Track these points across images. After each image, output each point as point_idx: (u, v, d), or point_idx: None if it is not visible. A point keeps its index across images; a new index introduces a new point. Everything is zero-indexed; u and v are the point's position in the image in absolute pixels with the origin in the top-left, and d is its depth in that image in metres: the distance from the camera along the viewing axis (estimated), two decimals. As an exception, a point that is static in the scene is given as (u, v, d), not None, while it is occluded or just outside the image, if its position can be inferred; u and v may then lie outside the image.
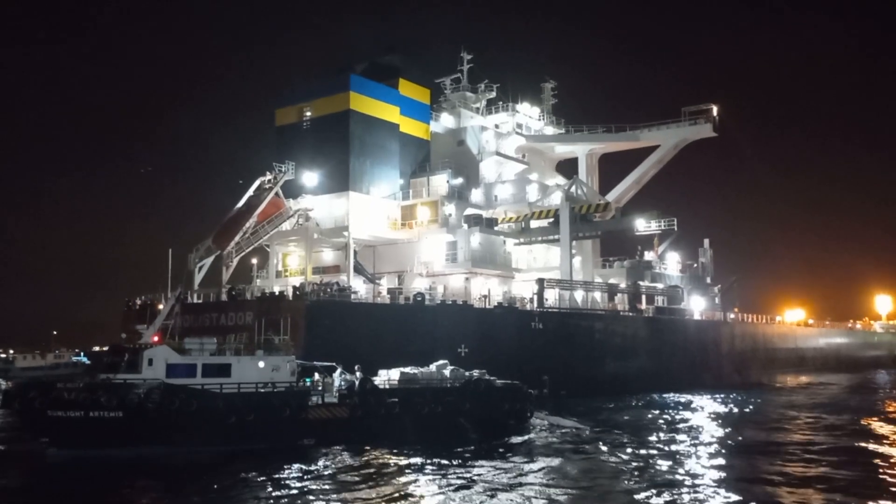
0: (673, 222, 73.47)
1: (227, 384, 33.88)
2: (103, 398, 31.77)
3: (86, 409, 31.53)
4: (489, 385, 40.29)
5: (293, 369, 36.13)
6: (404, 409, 36.44)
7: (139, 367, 33.67)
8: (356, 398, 35.95)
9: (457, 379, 40.11)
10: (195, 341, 35.80)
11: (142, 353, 34.14)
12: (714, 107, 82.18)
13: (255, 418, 33.13)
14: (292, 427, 33.99)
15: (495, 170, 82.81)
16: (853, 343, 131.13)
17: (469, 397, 38.95)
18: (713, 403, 59.82)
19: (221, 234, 65.13)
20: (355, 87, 70.76)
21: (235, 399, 33.47)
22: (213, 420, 32.63)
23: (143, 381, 32.94)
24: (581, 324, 67.53)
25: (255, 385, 34.28)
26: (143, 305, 65.71)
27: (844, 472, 29.38)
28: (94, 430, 31.44)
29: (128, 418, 31.66)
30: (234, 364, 34.96)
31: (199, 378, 34.00)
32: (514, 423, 40.16)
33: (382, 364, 42.38)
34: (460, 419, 38.04)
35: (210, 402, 32.95)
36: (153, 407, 31.94)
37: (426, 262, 70.53)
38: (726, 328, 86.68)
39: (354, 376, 37.79)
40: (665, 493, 26.49)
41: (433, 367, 41.25)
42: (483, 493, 26.52)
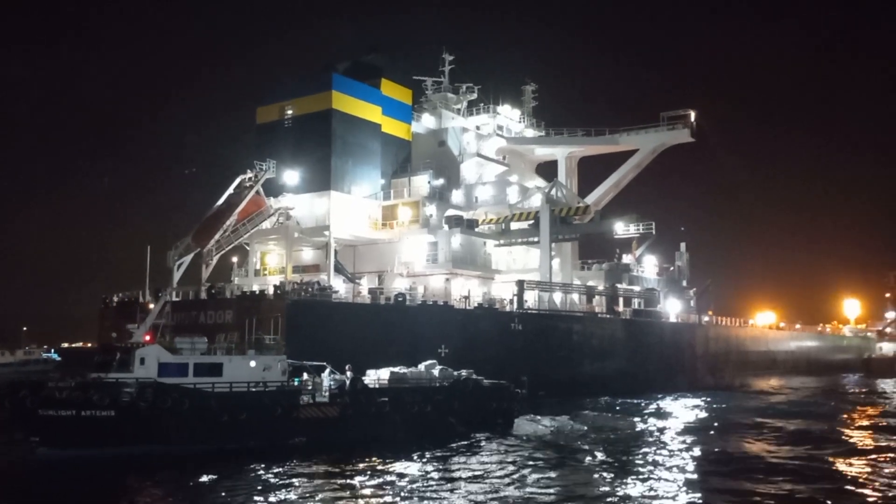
0: (651, 226, 74.45)
1: (218, 383, 33.87)
2: (95, 397, 31.57)
3: (77, 409, 31.35)
4: (477, 385, 40.70)
5: (284, 369, 36.22)
6: (394, 408, 36.69)
7: (131, 366, 33.55)
8: (347, 397, 36.13)
9: (445, 378, 40.46)
10: (186, 340, 35.72)
11: (134, 352, 34.04)
12: (692, 112, 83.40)
13: (246, 417, 33.19)
14: (284, 426, 34.09)
15: (476, 171, 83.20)
16: (823, 346, 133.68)
17: (458, 397, 39.35)
18: (688, 406, 60.74)
19: (201, 231, 64.72)
20: (338, 86, 70.64)
21: (227, 398, 33.50)
22: (205, 419, 32.64)
23: (136, 381, 32.82)
24: (560, 325, 68.15)
25: (247, 384, 34.29)
26: (120, 303, 65.22)
27: (810, 478, 30.01)
28: (85, 430, 31.27)
29: (120, 417, 31.53)
30: (226, 363, 34.98)
31: (191, 377, 33.96)
32: (501, 422, 40.59)
33: (363, 363, 42.49)
34: (449, 418, 38.39)
35: (202, 402, 32.95)
36: (145, 406, 31.85)
37: (407, 263, 70.69)
38: (701, 331, 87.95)
39: (345, 376, 37.90)
40: (640, 492, 27.12)
41: (422, 367, 41.54)
42: (470, 490, 26.87)
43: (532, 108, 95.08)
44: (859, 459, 34.48)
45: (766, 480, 29.39)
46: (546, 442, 38.28)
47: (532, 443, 37.75)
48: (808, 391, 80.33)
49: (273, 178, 69.48)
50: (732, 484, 28.88)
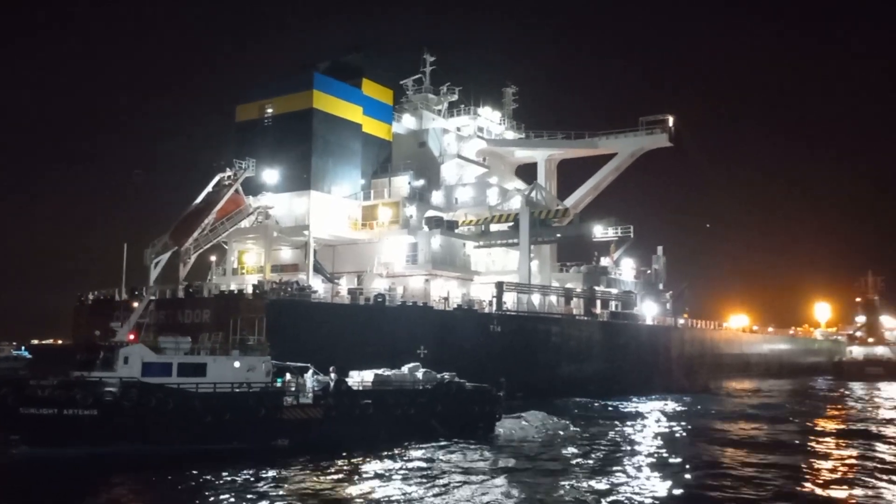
0: (629, 229, 75.20)
1: (202, 384, 33.71)
2: (78, 396, 31.29)
3: (60, 407, 31.06)
4: (460, 388, 40.82)
5: (268, 370, 36.07)
6: (378, 410, 36.69)
7: (115, 365, 33.27)
8: (331, 399, 36.09)
9: (429, 381, 40.52)
10: (170, 340, 35.52)
11: (118, 350, 33.72)
12: (670, 118, 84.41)
13: (230, 418, 33.08)
14: (267, 427, 34.01)
15: (456, 172, 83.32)
16: (795, 349, 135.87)
17: (440, 400, 39.45)
18: (664, 408, 61.38)
19: (179, 230, 64.12)
20: (319, 85, 70.37)
21: (211, 399, 33.35)
22: (188, 419, 32.50)
23: (119, 380, 32.56)
24: (538, 327, 68.53)
25: (231, 385, 34.16)
26: (96, 301, 64.46)
27: (780, 479, 30.50)
28: (67, 428, 31.00)
29: (103, 417, 31.27)
30: (210, 364, 34.80)
31: (175, 377, 33.77)
32: (482, 425, 40.73)
33: (342, 364, 42.33)
34: (432, 421, 38.49)
35: (186, 402, 32.81)
36: (129, 406, 31.58)
37: (386, 263, 70.63)
38: (676, 333, 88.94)
39: (329, 377, 37.82)
40: (614, 493, 27.59)
41: (405, 370, 41.56)
42: (448, 493, 27.00)
43: (512, 111, 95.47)
44: (828, 462, 35.16)
45: (737, 481, 29.88)
46: (527, 445, 38.48)
47: (513, 446, 37.90)
48: (781, 394, 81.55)
49: (252, 176, 69.01)
50: (706, 485, 29.31)
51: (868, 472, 32.26)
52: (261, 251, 72.47)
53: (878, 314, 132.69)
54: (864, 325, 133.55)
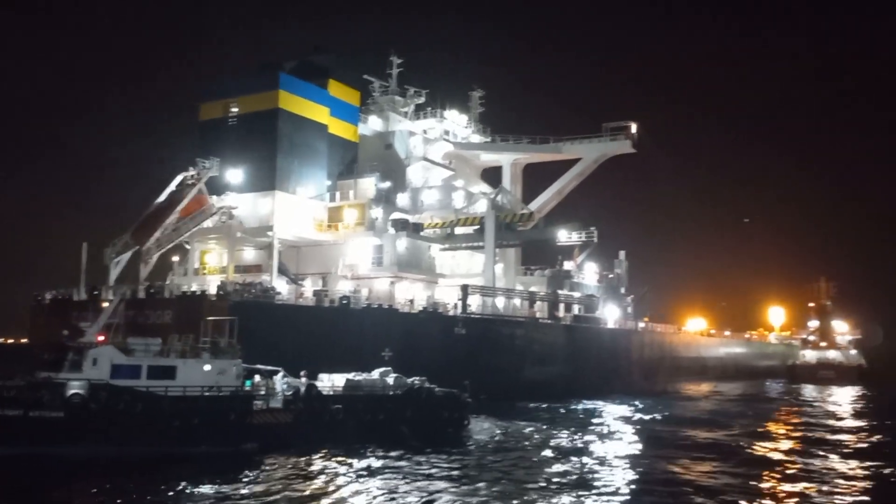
0: (593, 234, 76.14)
1: (172, 387, 33.28)
2: (45, 397, 30.62)
3: (26, 408, 30.48)
4: (430, 393, 41.03)
5: (239, 373, 35.69)
6: (348, 415, 36.62)
7: (83, 367, 32.70)
8: (301, 404, 35.90)
9: (399, 387, 40.53)
10: (140, 341, 35.00)
11: (86, 352, 33.15)
12: (633, 124, 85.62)
13: (199, 422, 32.74)
14: (237, 431, 33.71)
15: (422, 175, 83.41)
16: (750, 353, 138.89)
17: (410, 405, 39.59)
18: (625, 410, 62.28)
19: (140, 229, 63.08)
20: (285, 85, 69.89)
21: (181, 402, 32.96)
22: (157, 423, 32.11)
23: (88, 382, 31.99)
24: (503, 330, 68.98)
25: (201, 388, 33.76)
26: (53, 300, 63.04)
27: (734, 479, 31.40)
28: (33, 430, 30.41)
29: (70, 419, 30.74)
30: (180, 366, 34.34)
31: (144, 380, 33.28)
32: (451, 430, 40.96)
33: (307, 366, 42.07)
34: (402, 427, 38.50)
35: (155, 405, 32.37)
36: (97, 408, 31.00)
37: (351, 265, 70.41)
38: (637, 337, 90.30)
39: (300, 381, 37.61)
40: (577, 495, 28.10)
41: (376, 374, 41.47)
42: (417, 497, 27.12)
43: (478, 114, 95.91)
44: (779, 464, 36.11)
45: (690, 483, 30.67)
46: (494, 449, 38.74)
47: (481, 451, 38.10)
48: (737, 397, 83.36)
49: (216, 176, 68.19)
50: (661, 486, 30.06)
51: (816, 472, 33.34)
52: (223, 251, 71.66)
53: (830, 319, 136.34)
54: (817, 330, 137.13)
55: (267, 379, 37.19)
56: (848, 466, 35.74)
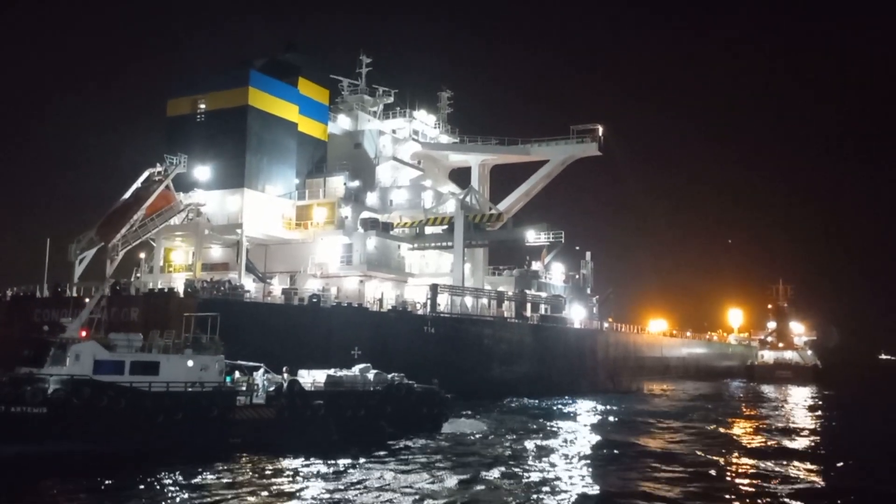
0: (560, 235, 77.14)
1: (155, 382, 33.11)
2: (27, 393, 30.15)
3: (7, 404, 30.03)
4: (409, 389, 41.35)
5: (221, 369, 35.56)
6: (329, 411, 36.74)
7: (65, 362, 32.30)
8: (283, 400, 35.95)
9: (380, 383, 40.76)
10: (122, 337, 34.67)
11: (68, 347, 32.72)
12: (600, 127, 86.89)
13: (182, 417, 32.65)
14: (220, 427, 33.67)
15: (391, 174, 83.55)
16: (711, 353, 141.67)
17: (391, 401, 39.84)
18: (591, 407, 63.32)
19: (106, 225, 62.14)
20: (255, 82, 69.46)
21: (164, 398, 32.80)
22: (140, 419, 31.91)
23: (70, 378, 31.61)
24: (471, 329, 69.47)
25: (184, 384, 33.67)
26: (15, 297, 61.69)
27: (695, 474, 32.25)
28: (14, 426, 29.93)
29: (52, 415, 30.35)
30: (163, 362, 34.13)
31: (127, 375, 32.99)
32: (430, 426, 41.37)
33: (275, 364, 42.02)
34: (382, 422, 38.80)
35: (138, 401, 32.16)
36: (80, 404, 30.61)
37: (320, 264, 70.22)
38: (602, 337, 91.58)
39: (282, 377, 37.62)
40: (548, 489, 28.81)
41: (356, 370, 41.63)
42: (396, 490, 27.49)
43: (447, 115, 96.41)
44: (740, 457, 37.36)
45: (656, 477, 31.53)
46: (470, 444, 39.38)
47: (459, 445, 38.66)
48: (698, 395, 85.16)
49: (184, 172, 67.51)
50: (626, 480, 30.91)
51: (773, 467, 34.37)
52: (189, 249, 70.96)
53: (787, 320, 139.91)
54: (775, 331, 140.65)
55: (248, 375, 37.07)
56: (798, 461, 37.05)
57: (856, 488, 30.53)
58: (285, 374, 38.31)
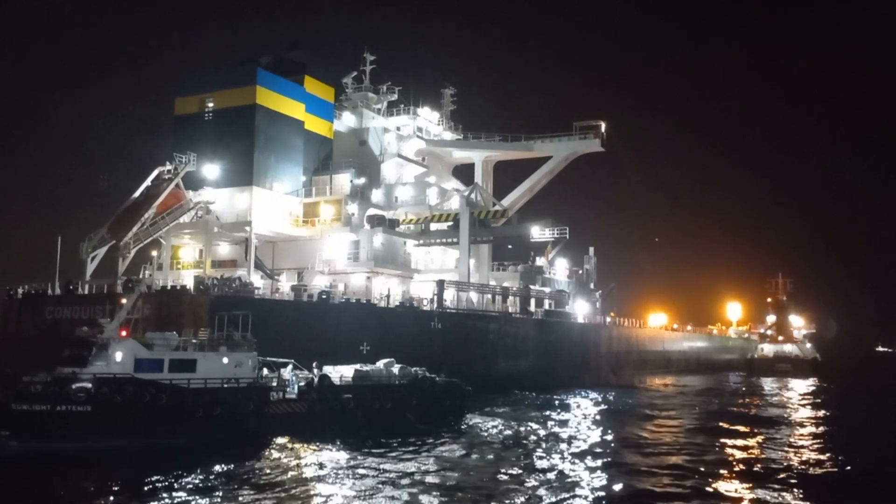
0: (565, 231, 78.11)
1: (193, 379, 34.21)
2: (71, 392, 31.07)
3: (53, 403, 31.05)
4: (433, 383, 42.81)
5: (255, 365, 36.62)
6: (358, 404, 38.02)
7: (107, 361, 33.27)
8: (314, 394, 37.13)
9: (404, 377, 42.09)
10: (158, 335, 35.77)
11: (110, 346, 33.70)
12: (602, 123, 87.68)
13: (220, 413, 33.77)
14: (255, 421, 34.80)
15: (395, 171, 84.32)
16: (711, 347, 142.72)
17: (415, 394, 41.26)
18: (594, 402, 64.21)
19: (117, 224, 62.84)
20: (262, 81, 70.11)
21: (202, 394, 33.89)
22: (180, 414, 32.95)
23: (113, 376, 32.60)
24: (477, 324, 70.36)
25: (221, 380, 34.72)
26: (26, 295, 62.36)
27: (699, 467, 32.87)
28: (60, 424, 31.02)
29: (96, 412, 31.37)
30: (200, 359, 35.27)
31: (166, 373, 34.04)
32: (452, 417, 42.82)
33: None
34: (407, 414, 40.20)
35: (178, 397, 33.22)
36: (123, 401, 31.54)
37: (328, 260, 71.00)
38: (605, 331, 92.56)
39: (312, 373, 38.63)
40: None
41: (381, 365, 42.79)
42: (424, 481, 28.53)
43: (450, 112, 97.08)
44: (741, 451, 38.05)
45: (662, 472, 32.10)
46: (492, 436, 40.57)
47: (481, 436, 39.97)
48: (700, 388, 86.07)
49: (192, 171, 68.23)
50: (635, 475, 31.41)
51: (773, 461, 35.06)
52: (196, 246, 71.70)
53: (787, 314, 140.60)
54: (774, 324, 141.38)
55: (276, 371, 38.16)
56: (800, 451, 38.02)
57: (867, 476, 31.45)
58: (315, 370, 39.33)
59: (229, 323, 38.56)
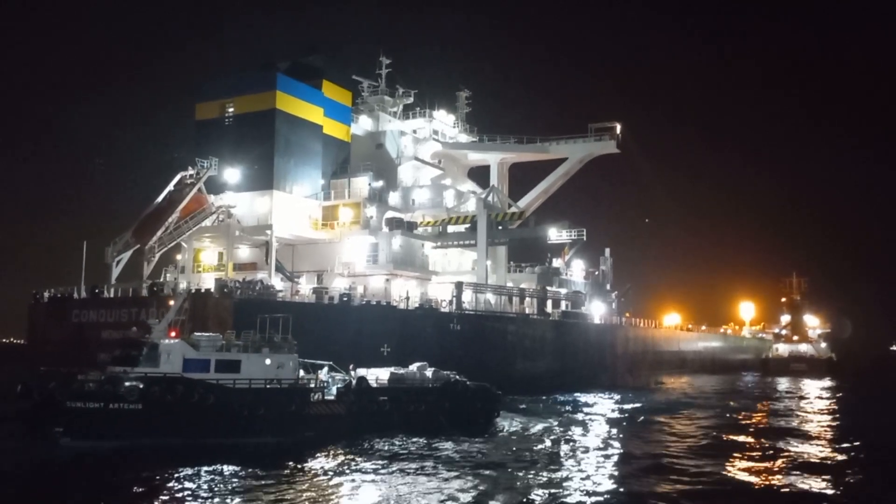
0: (583, 232, 78.48)
1: (238, 380, 35.29)
2: (123, 391, 32.02)
3: (106, 401, 32.08)
4: (465, 386, 43.49)
5: (296, 366, 37.47)
6: (393, 406, 38.96)
7: (157, 361, 34.19)
8: (353, 395, 38.06)
9: (438, 380, 42.98)
10: (203, 336, 36.85)
11: (160, 347, 34.65)
12: (618, 125, 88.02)
13: (264, 412, 34.72)
14: (296, 421, 35.74)
15: (412, 174, 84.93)
16: (726, 347, 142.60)
17: (448, 397, 42.01)
18: (615, 403, 64.57)
19: (142, 228, 63.83)
20: (282, 86, 70.91)
21: (247, 394, 34.90)
22: (227, 414, 33.97)
23: (163, 375, 33.65)
24: (495, 326, 70.85)
25: (264, 381, 35.74)
26: (52, 298, 63.41)
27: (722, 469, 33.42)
28: (112, 422, 32.07)
29: (147, 411, 32.38)
30: (244, 360, 36.27)
31: (213, 373, 35.12)
32: (483, 421, 43.51)
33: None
34: (440, 417, 40.92)
35: (225, 397, 34.28)
36: (173, 400, 32.47)
37: (347, 263, 71.70)
38: (621, 332, 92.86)
39: (350, 375, 39.39)
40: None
41: (414, 368, 43.68)
42: (452, 479, 29.23)
43: (465, 114, 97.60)
44: (758, 451, 38.59)
45: (687, 475, 32.30)
46: (523, 438, 41.41)
47: (511, 439, 40.83)
48: (717, 389, 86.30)
49: (214, 175, 69.11)
50: (661, 478, 31.75)
51: (792, 461, 35.56)
52: (217, 249, 72.55)
53: (801, 313, 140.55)
54: (789, 324, 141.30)
55: (317, 373, 39.04)
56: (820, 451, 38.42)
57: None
58: (353, 372, 40.21)
59: (270, 325, 39.34)
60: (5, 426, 34.15)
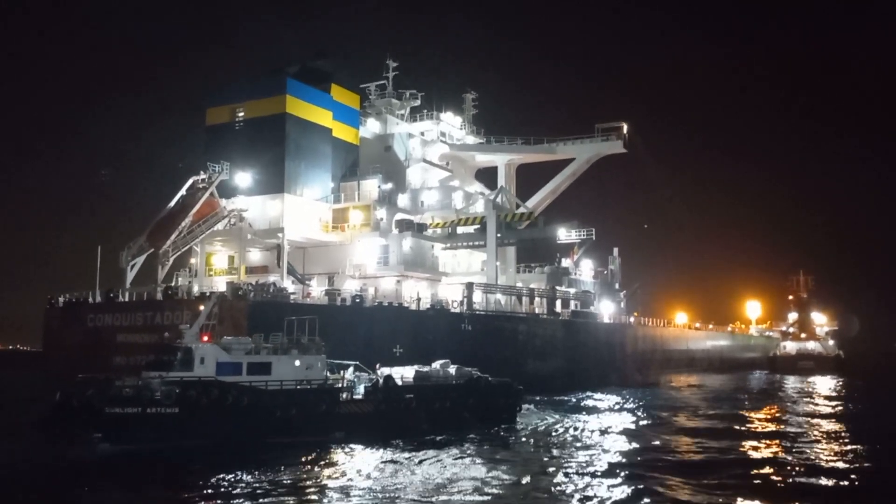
0: (591, 232, 78.97)
1: (269, 381, 35.96)
2: (160, 395, 32.74)
3: (143, 406, 32.65)
4: (487, 383, 44.08)
5: (324, 367, 38.14)
6: (420, 404, 39.52)
7: (192, 365, 34.83)
8: (380, 394, 38.66)
9: (461, 377, 43.55)
10: (234, 340, 37.37)
11: (194, 351, 35.24)
12: (624, 124, 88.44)
13: (296, 413, 35.39)
14: (327, 421, 36.41)
15: (421, 176, 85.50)
16: (734, 345, 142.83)
17: (472, 394, 42.61)
18: (625, 402, 64.81)
19: (155, 232, 64.43)
20: (292, 90, 71.59)
21: (279, 395, 35.56)
22: (261, 415, 34.61)
23: (198, 379, 34.29)
24: (506, 326, 71.31)
25: (294, 382, 36.44)
26: (67, 303, 64.02)
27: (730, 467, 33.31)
28: (149, 426, 32.61)
29: (184, 414, 32.96)
30: (275, 362, 36.87)
31: (245, 376, 35.72)
32: (506, 416, 44.32)
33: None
34: (465, 413, 41.65)
35: (258, 399, 34.89)
36: (208, 403, 33.05)
37: (358, 265, 72.23)
38: (630, 331, 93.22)
39: (376, 374, 39.96)
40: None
41: (437, 366, 44.23)
42: (483, 478, 29.69)
43: (472, 116, 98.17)
44: (769, 448, 38.67)
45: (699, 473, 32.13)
46: (545, 432, 42.40)
47: (535, 434, 41.77)
48: (727, 387, 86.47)
49: (226, 179, 69.73)
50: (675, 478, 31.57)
51: (804, 458, 35.55)
52: (228, 253, 73.15)
53: (809, 311, 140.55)
54: (796, 322, 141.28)
55: (343, 373, 39.64)
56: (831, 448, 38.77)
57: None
58: (379, 371, 40.87)
59: (298, 327, 39.87)
60: (39, 434, 34.42)
